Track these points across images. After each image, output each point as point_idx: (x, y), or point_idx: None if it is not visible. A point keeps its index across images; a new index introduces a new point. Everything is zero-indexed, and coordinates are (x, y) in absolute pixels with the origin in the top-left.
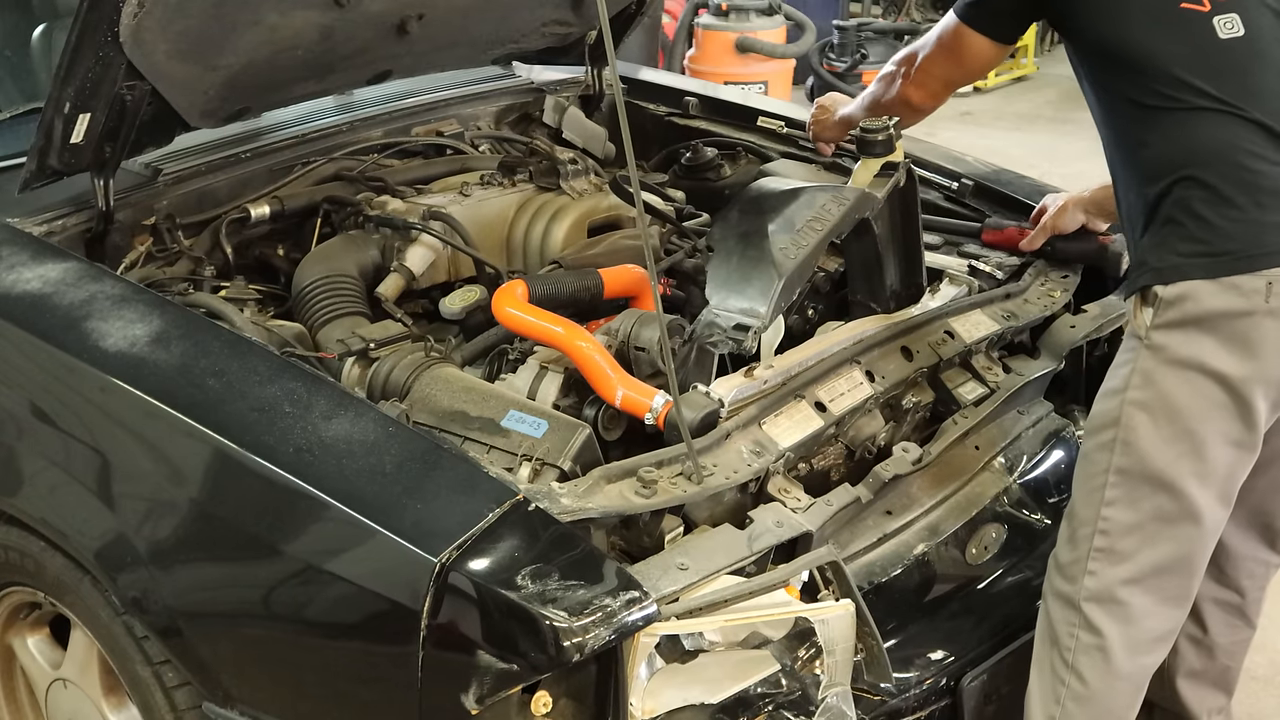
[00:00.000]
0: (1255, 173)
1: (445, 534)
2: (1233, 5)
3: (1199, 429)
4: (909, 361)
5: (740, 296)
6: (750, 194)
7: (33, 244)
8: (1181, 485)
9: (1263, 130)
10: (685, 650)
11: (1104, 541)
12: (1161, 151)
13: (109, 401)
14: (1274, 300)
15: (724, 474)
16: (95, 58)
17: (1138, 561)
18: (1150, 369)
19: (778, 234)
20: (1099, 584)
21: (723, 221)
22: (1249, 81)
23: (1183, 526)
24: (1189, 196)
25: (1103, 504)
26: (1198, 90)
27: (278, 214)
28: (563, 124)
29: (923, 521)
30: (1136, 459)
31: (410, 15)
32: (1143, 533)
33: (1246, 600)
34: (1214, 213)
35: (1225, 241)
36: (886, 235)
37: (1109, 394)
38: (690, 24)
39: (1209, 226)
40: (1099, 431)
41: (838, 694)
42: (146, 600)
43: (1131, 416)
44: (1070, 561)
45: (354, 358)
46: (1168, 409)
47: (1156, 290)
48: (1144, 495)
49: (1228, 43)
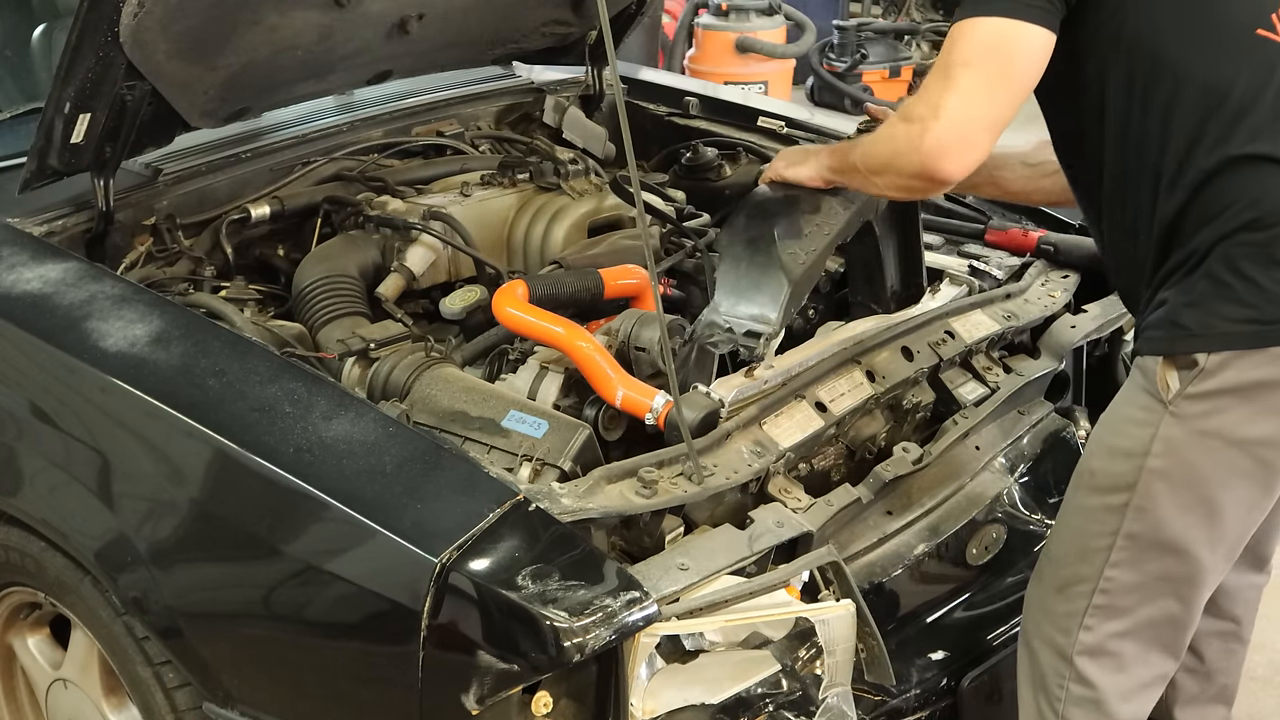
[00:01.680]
0: None
1: (445, 534)
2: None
3: (1217, 495)
4: (909, 361)
5: (750, 303)
6: (755, 199)
7: (33, 244)
8: (1193, 550)
9: None
10: (686, 650)
11: (1104, 600)
12: (1207, 194)
13: (109, 401)
14: None
15: (724, 474)
16: (95, 58)
17: (1135, 617)
18: (1175, 437)
19: (785, 239)
20: (1094, 639)
21: (729, 227)
22: None
23: (1186, 587)
24: (1236, 254)
25: (1107, 565)
26: (1258, 133)
27: (278, 214)
28: (563, 124)
29: (923, 522)
30: (1150, 525)
31: (410, 15)
32: (1144, 591)
33: (1242, 625)
34: (1265, 275)
35: (1277, 308)
36: (887, 236)
37: (1123, 455)
38: (690, 24)
39: (1259, 291)
40: (1110, 493)
41: (838, 694)
42: (147, 600)
43: (1151, 485)
44: (1064, 614)
45: (354, 358)
46: (1189, 477)
47: (1196, 358)
48: (1152, 558)
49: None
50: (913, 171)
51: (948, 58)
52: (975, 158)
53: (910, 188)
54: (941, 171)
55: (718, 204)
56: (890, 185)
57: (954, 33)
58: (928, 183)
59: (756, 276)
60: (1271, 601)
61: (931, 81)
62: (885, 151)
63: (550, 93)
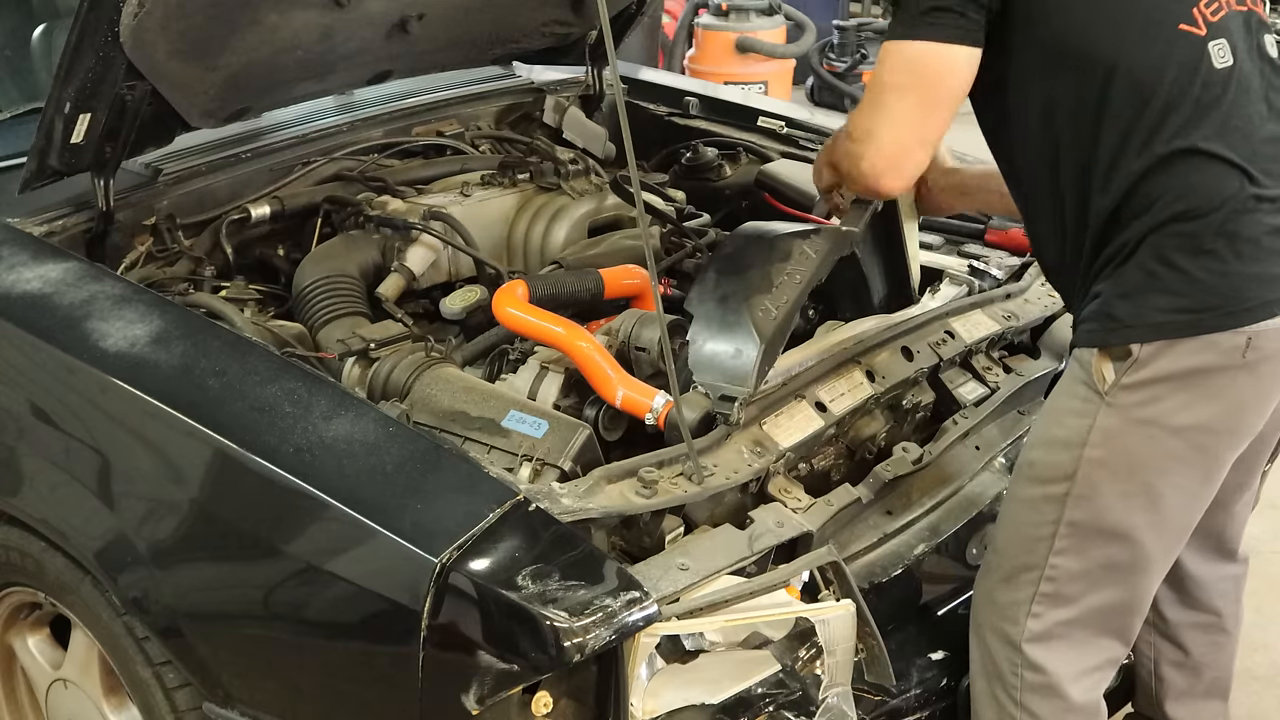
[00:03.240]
0: (1237, 221)
1: (445, 534)
2: (1221, 30)
3: (1157, 483)
4: (909, 361)
5: (723, 367)
6: (725, 251)
7: (33, 244)
8: (1136, 536)
9: (1243, 174)
10: (686, 650)
11: (1050, 588)
12: (1137, 190)
13: (109, 401)
14: (1251, 355)
15: (724, 474)
16: (95, 58)
17: (1082, 604)
18: (1112, 426)
19: (756, 295)
20: (1042, 626)
21: (700, 284)
22: (1232, 120)
23: (1131, 574)
24: (1165, 245)
25: (1051, 553)
26: (1185, 126)
27: (278, 214)
28: (563, 124)
29: (923, 521)
30: (1092, 513)
31: (410, 15)
32: (1090, 579)
33: (1224, 616)
34: (1194, 264)
35: (1206, 296)
36: (871, 258)
37: (1059, 445)
38: (690, 24)
39: (1189, 280)
40: (1049, 483)
41: (838, 694)
42: (147, 600)
43: (1090, 474)
44: (1010, 603)
45: (354, 358)
46: (1128, 466)
47: (1131, 348)
48: (1096, 546)
49: (1221, 73)
50: (861, 188)
51: (878, 78)
52: (912, 171)
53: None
54: (884, 188)
55: (718, 204)
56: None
57: (882, 53)
58: (876, 195)
59: (728, 337)
60: (1271, 601)
61: (865, 103)
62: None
63: (550, 93)
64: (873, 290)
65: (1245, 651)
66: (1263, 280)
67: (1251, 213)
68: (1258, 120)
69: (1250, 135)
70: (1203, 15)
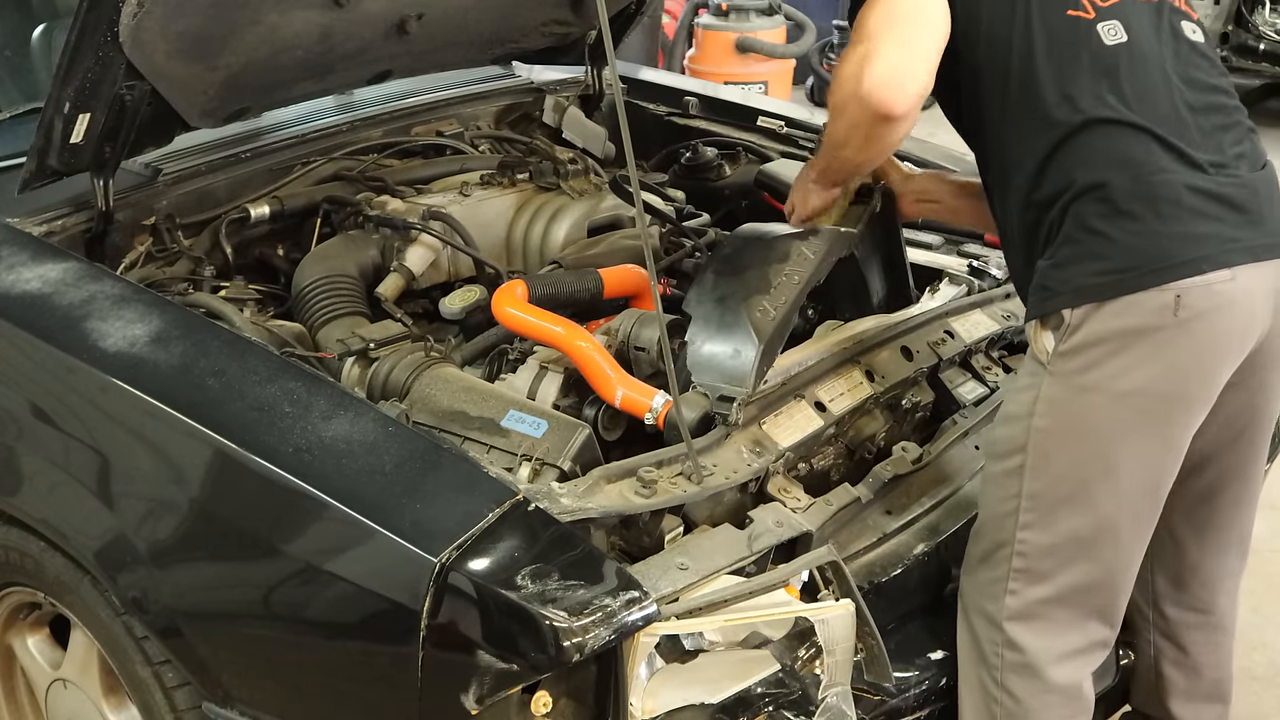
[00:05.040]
0: (1151, 183)
1: (445, 534)
2: (1114, 13)
3: (1110, 450)
4: (909, 361)
5: (721, 367)
6: (724, 251)
7: (33, 244)
8: (1096, 507)
9: (1152, 137)
10: (685, 650)
11: (1022, 563)
12: (1052, 168)
13: (109, 401)
14: (1183, 313)
15: (724, 474)
16: (95, 58)
17: (1057, 582)
18: (1055, 395)
19: (755, 295)
20: (1020, 602)
21: (698, 285)
22: (1134, 88)
23: (1101, 548)
24: (1085, 213)
25: (1018, 527)
26: (1087, 99)
27: (278, 214)
28: (563, 124)
29: (923, 521)
30: (1048, 484)
31: (410, 15)
32: (1061, 554)
33: (1223, 615)
34: (1113, 227)
35: (1128, 257)
36: (869, 258)
37: (1012, 419)
38: (690, 24)
39: (1109, 242)
40: (1005, 457)
41: (838, 694)
42: (146, 600)
43: (1039, 443)
44: (989, 581)
45: (354, 358)
46: (1077, 433)
47: (1063, 314)
48: (1060, 518)
49: (1113, 49)
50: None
51: (861, 32)
52: (915, 88)
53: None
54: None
55: (718, 204)
56: (860, 148)
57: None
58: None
59: (726, 337)
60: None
61: (851, 49)
62: (839, 123)
63: (550, 93)
64: (871, 290)
65: (1244, 651)
66: (1186, 238)
67: (1167, 172)
68: (1163, 89)
69: (1155, 103)
70: (1092, 3)
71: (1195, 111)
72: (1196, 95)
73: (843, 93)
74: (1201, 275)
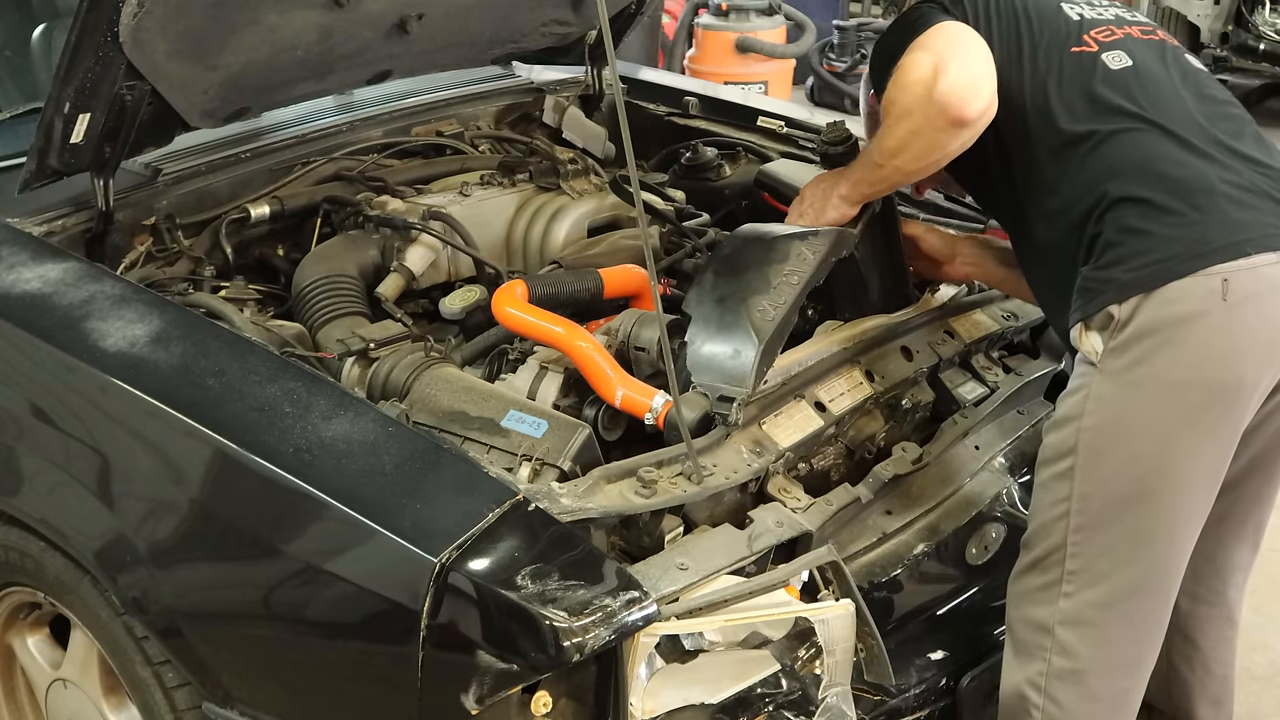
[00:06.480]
0: (1180, 178)
1: (445, 534)
2: (1116, 45)
3: (1164, 446)
4: (909, 361)
5: (721, 368)
6: (724, 252)
7: (33, 244)
8: (1149, 503)
9: (1172, 137)
10: (685, 650)
11: (1075, 565)
12: (1082, 185)
13: (109, 401)
14: (1231, 297)
15: (724, 474)
16: (95, 58)
17: (1112, 583)
18: (1106, 393)
19: (754, 295)
20: (1073, 606)
21: (698, 285)
22: (1148, 99)
23: (1155, 546)
24: (1123, 216)
25: (1070, 530)
26: (1104, 113)
27: (278, 214)
28: (563, 124)
29: (923, 521)
30: (1100, 483)
31: (410, 15)
32: (1114, 555)
33: (1233, 608)
34: (1153, 223)
35: (1169, 246)
36: (869, 257)
37: (1061, 423)
38: (690, 24)
39: (1150, 237)
40: (1054, 461)
41: (838, 694)
42: (146, 600)
43: (1091, 443)
44: (1041, 586)
45: (354, 358)
46: (1130, 429)
47: (1110, 311)
48: (1113, 517)
49: (1120, 71)
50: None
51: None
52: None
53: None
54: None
55: (717, 204)
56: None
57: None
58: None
59: (726, 337)
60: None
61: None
62: (899, 129)
63: (550, 93)
64: (871, 290)
65: (1244, 651)
66: (1227, 224)
67: (1196, 167)
68: (1176, 101)
69: (1171, 110)
70: (1094, 39)
71: (1211, 119)
72: (1209, 107)
73: (910, 97)
74: (1247, 258)
